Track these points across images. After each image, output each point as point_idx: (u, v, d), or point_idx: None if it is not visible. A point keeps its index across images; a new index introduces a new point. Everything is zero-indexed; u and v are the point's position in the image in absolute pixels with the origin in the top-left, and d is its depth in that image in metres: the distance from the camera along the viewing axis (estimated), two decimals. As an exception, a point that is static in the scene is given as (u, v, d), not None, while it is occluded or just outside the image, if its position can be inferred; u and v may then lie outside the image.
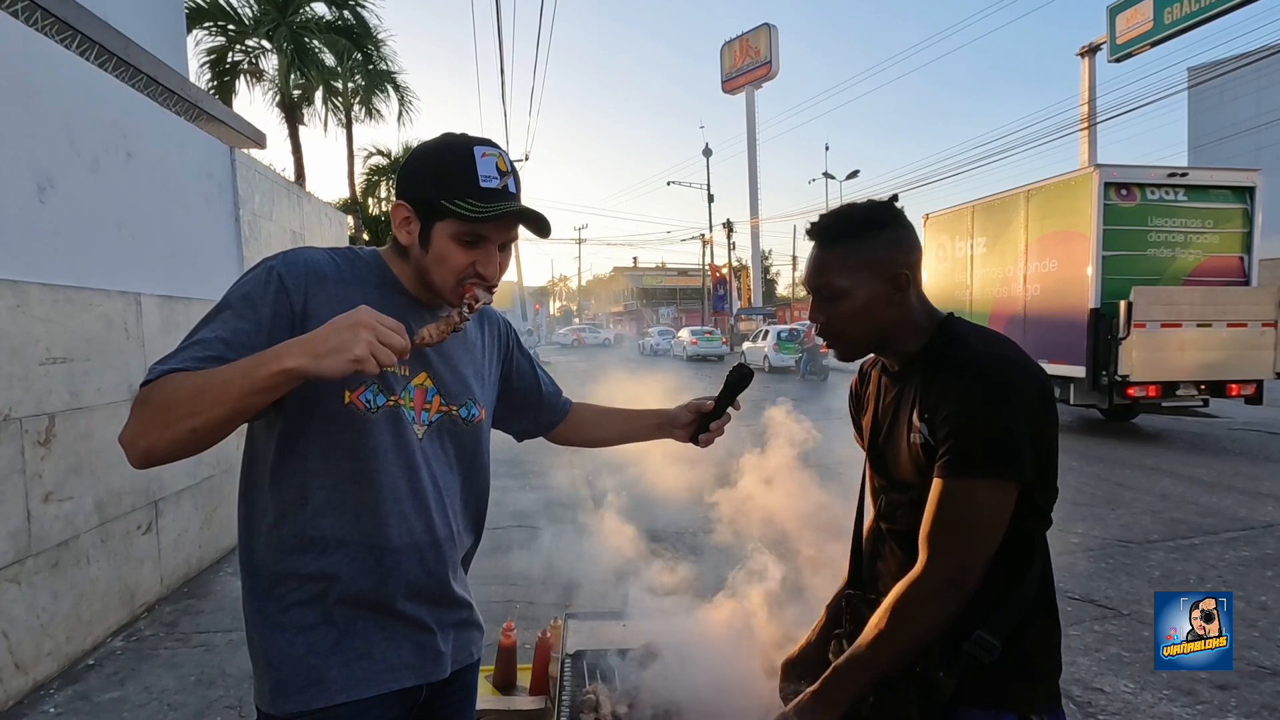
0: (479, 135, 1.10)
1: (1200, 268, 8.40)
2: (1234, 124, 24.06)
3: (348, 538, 1.07)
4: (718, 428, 1.39)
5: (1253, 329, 7.97)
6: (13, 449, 2.91)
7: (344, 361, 0.85)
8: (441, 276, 1.09)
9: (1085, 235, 8.21)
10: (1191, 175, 8.44)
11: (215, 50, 14.52)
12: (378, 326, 0.87)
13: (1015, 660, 1.06)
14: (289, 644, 1.06)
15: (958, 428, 1.01)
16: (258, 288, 1.02)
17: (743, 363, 1.39)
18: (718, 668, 1.57)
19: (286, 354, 0.86)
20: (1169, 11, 19.09)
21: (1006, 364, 1.02)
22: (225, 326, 0.98)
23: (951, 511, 1.01)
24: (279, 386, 0.87)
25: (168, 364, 0.93)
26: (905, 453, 1.11)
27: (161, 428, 0.89)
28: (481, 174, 1.05)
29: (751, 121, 35.92)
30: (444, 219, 1.06)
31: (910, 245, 1.13)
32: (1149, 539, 4.82)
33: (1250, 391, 8.20)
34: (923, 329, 1.14)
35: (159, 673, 3.16)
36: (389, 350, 0.87)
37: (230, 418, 0.89)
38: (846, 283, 1.11)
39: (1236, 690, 2.88)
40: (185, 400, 0.87)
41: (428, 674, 1.15)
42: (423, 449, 1.13)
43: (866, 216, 1.12)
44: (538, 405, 1.44)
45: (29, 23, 3.37)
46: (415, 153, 1.13)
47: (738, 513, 1.95)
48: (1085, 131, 21.03)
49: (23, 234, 3.09)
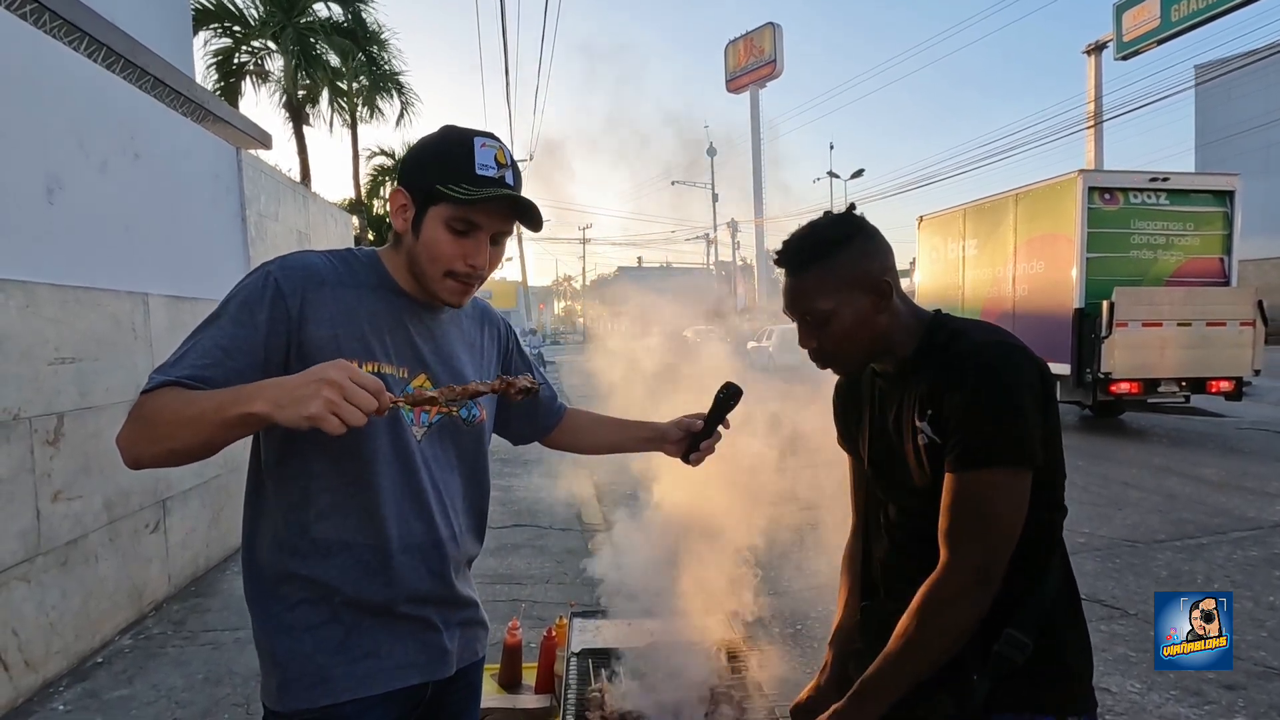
0: (483, 129, 1.12)
1: (1182, 269, 8.70)
2: (1241, 121, 23.91)
3: (350, 540, 1.07)
4: (708, 447, 1.39)
5: (1231, 328, 8.24)
6: (22, 448, 2.93)
7: (299, 416, 0.84)
8: (429, 264, 1.09)
9: (1070, 238, 8.53)
10: (1173, 180, 8.73)
11: (221, 51, 14.58)
12: (346, 385, 0.84)
13: (1049, 659, 1.03)
14: (296, 642, 1.07)
15: (967, 419, 0.99)
16: (255, 294, 1.03)
17: (730, 381, 1.36)
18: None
19: (257, 397, 0.87)
20: (1176, 9, 18.96)
21: (1008, 350, 1.02)
22: (224, 333, 1.00)
23: (971, 505, 1.00)
24: (248, 425, 0.89)
25: (167, 373, 0.95)
26: (912, 457, 1.09)
27: (148, 442, 0.93)
28: (479, 162, 1.06)
29: (756, 121, 35.85)
30: (437, 203, 1.06)
31: (882, 251, 1.11)
32: (1156, 539, 4.79)
33: (1229, 388, 8.45)
34: (912, 330, 1.12)
35: (167, 671, 3.17)
36: (356, 410, 0.84)
37: (205, 445, 0.92)
38: (830, 305, 1.08)
39: (1244, 691, 2.86)
40: (167, 423, 0.91)
41: (433, 672, 1.16)
42: (421, 451, 1.13)
43: (832, 234, 1.10)
44: (535, 410, 1.44)
45: (38, 25, 3.39)
46: (418, 142, 1.14)
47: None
48: (1092, 129, 20.93)
49: (32, 235, 3.11)
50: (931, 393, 1.05)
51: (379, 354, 1.08)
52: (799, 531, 2.21)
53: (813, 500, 1.97)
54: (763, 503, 1.82)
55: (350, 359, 1.02)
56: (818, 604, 3.53)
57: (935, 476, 1.05)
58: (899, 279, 1.13)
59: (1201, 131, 26.22)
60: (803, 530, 2.26)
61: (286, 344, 1.02)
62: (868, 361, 1.16)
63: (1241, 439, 8.37)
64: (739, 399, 1.35)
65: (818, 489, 1.92)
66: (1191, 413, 9.92)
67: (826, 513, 2.05)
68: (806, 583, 3.54)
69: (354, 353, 1.05)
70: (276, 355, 1.02)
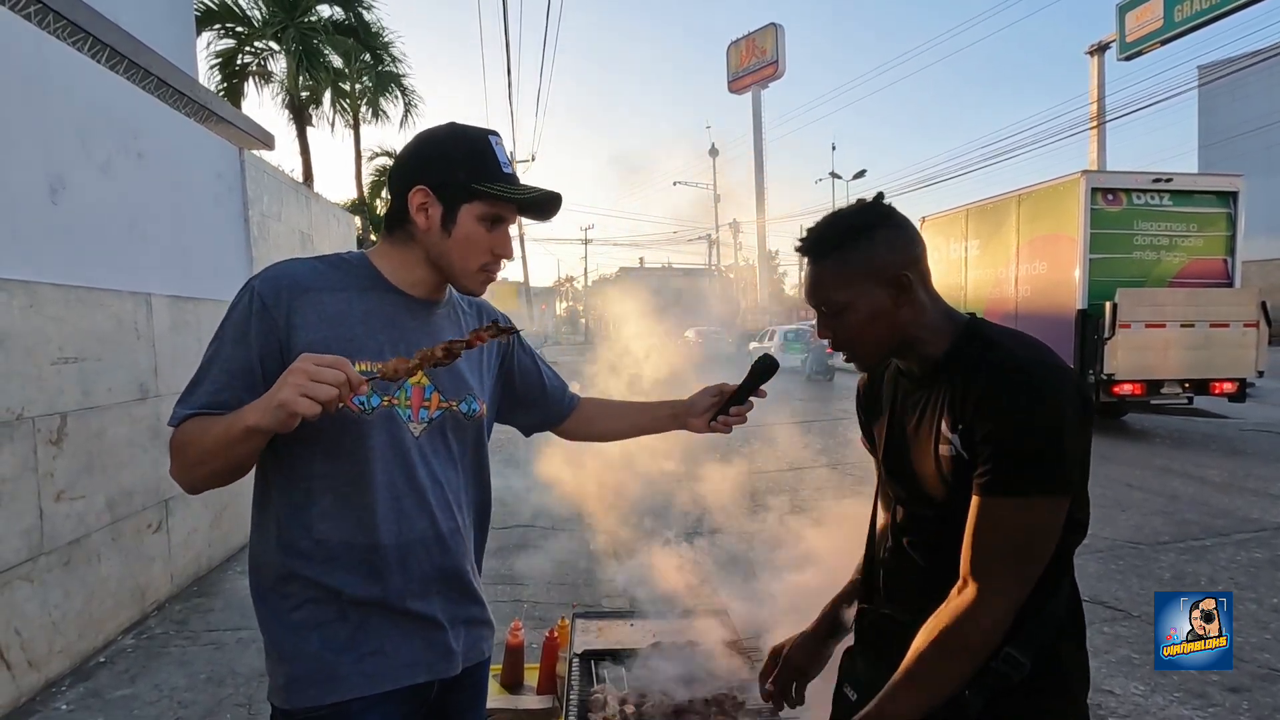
0: (485, 126, 1.16)
1: (1185, 270, 8.67)
2: (1244, 122, 23.86)
3: (352, 539, 1.09)
4: (739, 413, 1.38)
5: (1235, 329, 8.21)
6: (25, 448, 2.94)
7: (275, 409, 0.90)
8: (466, 258, 1.13)
9: (1073, 238, 8.49)
10: (1176, 180, 8.69)
11: (225, 52, 14.62)
12: (309, 369, 0.89)
13: (1046, 679, 1.01)
14: (303, 640, 1.08)
15: (1009, 441, 0.93)
16: (243, 313, 1.07)
17: (769, 353, 1.41)
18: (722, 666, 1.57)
19: (250, 411, 0.94)
20: (1179, 9, 18.94)
21: (1051, 372, 0.96)
22: (225, 358, 1.06)
23: (1006, 534, 0.94)
24: (251, 439, 0.96)
25: (188, 406, 1.04)
26: (931, 464, 1.04)
27: (188, 470, 1.03)
28: (501, 161, 1.12)
29: (758, 121, 35.85)
30: (472, 201, 1.10)
31: (906, 243, 1.06)
32: (1159, 540, 4.78)
33: (1232, 389, 8.41)
34: (943, 331, 1.06)
35: (169, 670, 3.18)
36: (325, 386, 0.88)
37: (234, 465, 1.01)
38: (847, 295, 1.05)
39: (1249, 693, 2.85)
40: (194, 453, 1.01)
41: (439, 670, 1.16)
42: (420, 446, 1.14)
43: (854, 222, 1.06)
44: (543, 400, 1.45)
45: (41, 25, 3.40)
46: (427, 140, 1.14)
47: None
48: (1095, 130, 20.90)
49: (35, 234, 3.11)
50: (963, 405, 0.99)
51: (371, 352, 1.09)
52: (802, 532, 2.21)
53: (818, 499, 1.97)
54: (765, 502, 1.82)
55: None
56: (821, 606, 3.52)
57: (953, 491, 1.01)
58: (928, 273, 1.08)
59: (1204, 132, 26.18)
60: (805, 530, 2.26)
61: (279, 353, 1.05)
62: (887, 356, 1.12)
63: (1245, 440, 8.35)
64: (775, 371, 1.38)
65: (823, 489, 1.92)
66: (1195, 414, 9.90)
67: (828, 513, 2.05)
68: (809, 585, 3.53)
69: (344, 354, 1.04)
70: (271, 365, 1.04)
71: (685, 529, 4.66)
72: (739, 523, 3.56)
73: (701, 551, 2.08)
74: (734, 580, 2.19)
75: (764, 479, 6.41)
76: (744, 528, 3.57)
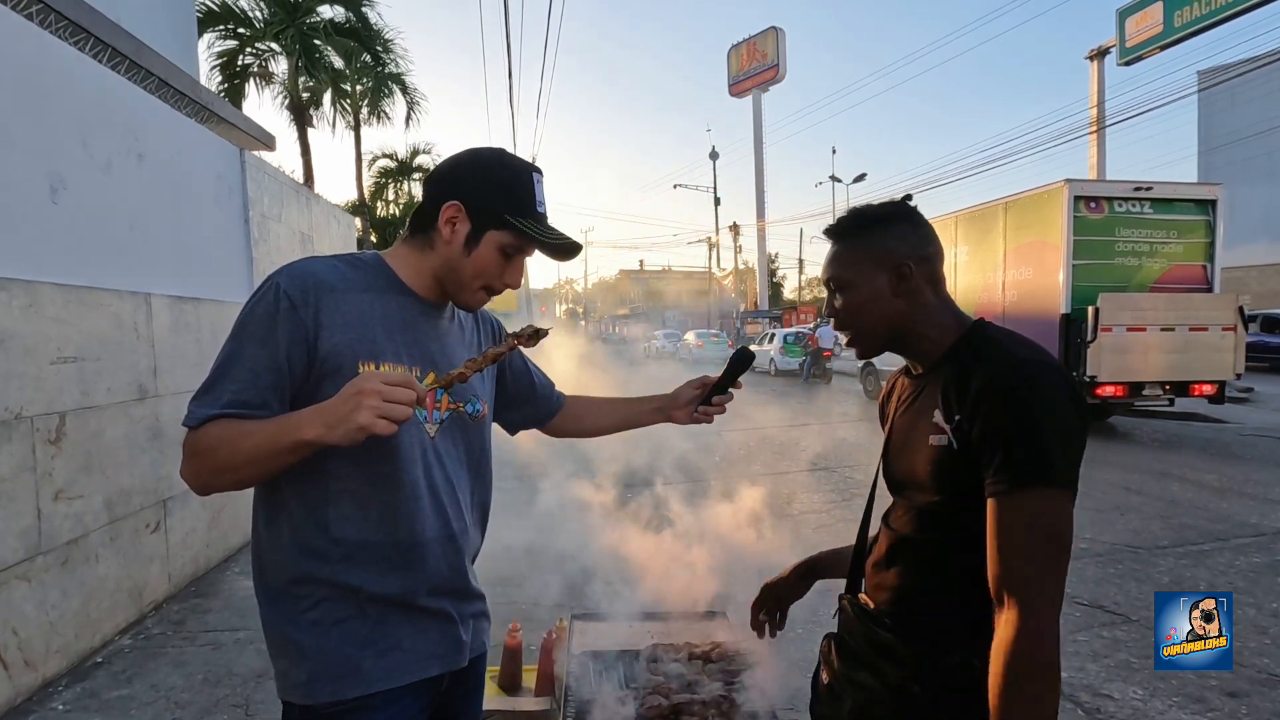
0: (531, 161, 1.19)
1: (1166, 275, 8.91)
2: (1245, 128, 23.88)
3: (370, 538, 1.10)
4: (719, 403, 1.46)
5: (1214, 333, 8.43)
6: (24, 447, 2.94)
7: (352, 431, 0.91)
8: (471, 277, 1.15)
9: (1057, 245, 8.74)
10: (1156, 189, 8.91)
11: (226, 53, 14.65)
12: (383, 389, 0.90)
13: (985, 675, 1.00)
14: (323, 636, 1.09)
15: (1022, 437, 0.93)
16: (268, 310, 1.04)
17: (745, 346, 1.48)
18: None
19: (306, 424, 0.94)
20: (1179, 15, 19.00)
21: (1050, 371, 0.97)
22: (249, 356, 1.03)
23: (1037, 526, 0.91)
24: (300, 452, 0.97)
25: (208, 406, 1.01)
26: (921, 453, 1.06)
27: (211, 475, 1.02)
28: (538, 199, 1.16)
29: (758, 124, 35.89)
30: (501, 229, 1.12)
31: (917, 240, 1.12)
32: (1158, 544, 4.78)
33: (1212, 391, 8.63)
34: (948, 329, 1.10)
35: (166, 671, 3.17)
36: (400, 406, 0.91)
37: (266, 473, 1.01)
38: (852, 275, 1.13)
39: (1248, 698, 2.85)
40: (224, 459, 0.99)
41: (451, 662, 1.19)
42: (435, 447, 1.16)
43: (875, 213, 1.15)
44: (532, 399, 1.49)
45: (43, 25, 3.41)
46: (475, 159, 1.16)
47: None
48: (1095, 135, 20.93)
49: (36, 234, 3.12)
50: (960, 397, 1.00)
51: (391, 355, 1.11)
52: (803, 535, 2.21)
53: (820, 505, 1.97)
54: (769, 506, 1.82)
55: (366, 361, 1.07)
56: (820, 608, 3.52)
57: (939, 480, 1.02)
58: (939, 275, 1.13)
59: (1204, 137, 26.17)
60: (807, 534, 2.26)
61: (307, 353, 1.05)
62: (884, 344, 1.16)
63: (1243, 445, 8.37)
64: (752, 361, 1.45)
65: (823, 493, 1.92)
66: (1193, 419, 9.91)
67: (830, 516, 2.05)
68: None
69: (369, 355, 1.08)
70: (298, 366, 1.04)
71: (685, 529, 4.65)
72: (739, 523, 3.56)
73: (701, 552, 2.08)
74: (734, 581, 2.19)
75: (764, 479, 6.40)
76: (744, 528, 3.57)
